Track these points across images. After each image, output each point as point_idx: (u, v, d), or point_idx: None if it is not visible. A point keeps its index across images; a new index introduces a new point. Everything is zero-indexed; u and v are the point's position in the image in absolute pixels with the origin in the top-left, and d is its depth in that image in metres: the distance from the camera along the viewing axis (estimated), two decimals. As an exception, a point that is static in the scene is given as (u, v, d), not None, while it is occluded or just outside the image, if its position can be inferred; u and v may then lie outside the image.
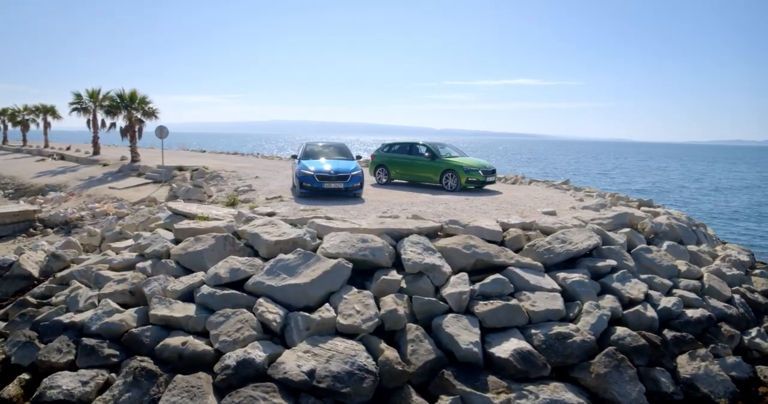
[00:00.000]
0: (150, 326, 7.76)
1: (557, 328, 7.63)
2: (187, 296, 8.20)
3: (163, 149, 23.97)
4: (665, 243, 10.37)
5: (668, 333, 8.15)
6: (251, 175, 19.40)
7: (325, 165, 13.10)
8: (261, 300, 7.67)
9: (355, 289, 7.88)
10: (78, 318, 8.30)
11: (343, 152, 14.60)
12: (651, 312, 8.29)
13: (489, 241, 9.23)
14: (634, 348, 7.62)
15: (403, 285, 8.13)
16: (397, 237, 9.18)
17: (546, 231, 9.96)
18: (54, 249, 11.66)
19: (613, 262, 9.10)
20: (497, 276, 8.30)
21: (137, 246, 10.20)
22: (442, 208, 11.82)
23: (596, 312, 7.97)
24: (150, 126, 25.47)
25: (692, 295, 8.99)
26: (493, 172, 15.06)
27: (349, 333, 7.29)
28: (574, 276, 8.56)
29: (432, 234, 9.47)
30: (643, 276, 9.15)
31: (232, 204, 12.56)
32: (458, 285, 8.02)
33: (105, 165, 25.39)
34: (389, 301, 7.66)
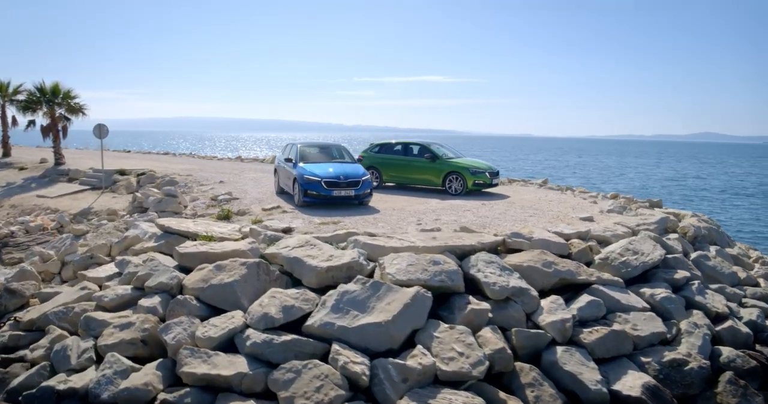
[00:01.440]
0: (187, 389, 5.94)
1: (669, 354, 6.78)
2: (227, 344, 6.43)
3: (84, 150, 20.76)
4: (712, 249, 9.96)
5: (765, 350, 7.59)
6: (212, 180, 17.13)
7: (331, 169, 11.47)
8: (336, 346, 6.10)
9: (443, 325, 6.53)
10: (77, 381, 6.28)
11: (342, 154, 13.00)
12: (743, 327, 7.71)
13: (557, 255, 8.24)
14: (747, 371, 6.95)
15: (489, 314, 6.90)
16: (461, 255, 7.92)
17: (602, 241, 9.15)
18: (3, 280, 9.15)
19: (686, 273, 8.45)
20: (590, 297, 7.31)
21: (129, 277, 8.13)
22: (470, 216, 10.69)
23: (698, 332, 7.23)
24: (78, 124, 22.02)
25: (765, 304, 8.56)
26: (498, 173, 14.17)
27: (454, 382, 5.96)
28: (661, 292, 7.78)
29: (492, 249, 8.31)
30: (712, 286, 8.59)
31: (226, 217, 10.60)
32: (556, 311, 6.93)
33: (22, 168, 21.58)
34: (491, 338, 6.40)
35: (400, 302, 6.54)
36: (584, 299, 7.27)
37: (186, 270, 7.93)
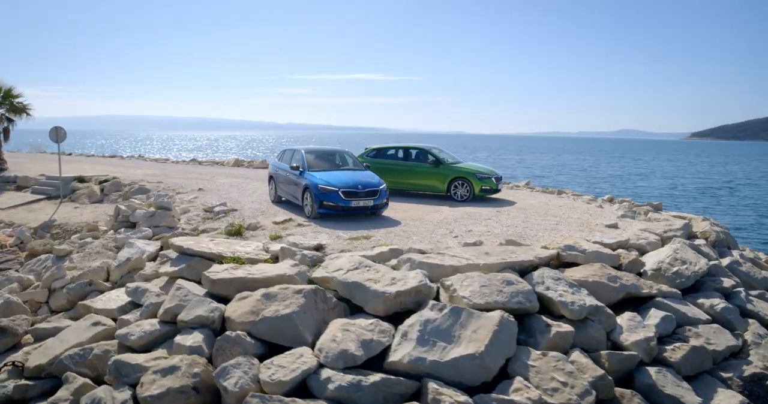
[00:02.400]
0: (266, 444, 5.13)
1: (747, 369, 6.68)
2: (299, 388, 5.65)
3: (17, 153, 18.62)
4: (735, 253, 10.12)
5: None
6: (189, 187, 15.81)
7: (346, 178, 10.71)
8: (433, 384, 5.48)
9: (534, 351, 6.07)
10: (125, 444, 5.27)
11: (351, 160, 12.24)
12: (798, 335, 7.77)
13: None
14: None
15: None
16: (520, 271, 7.50)
17: (639, 250, 9.05)
18: (-16, 318, 7.79)
19: (731, 281, 8.47)
20: (663, 312, 7.09)
21: (153, 309, 7.11)
22: (498, 226, 10.31)
23: (765, 343, 7.19)
24: (21, 124, 19.74)
25: (802, 308, 8.72)
26: (501, 178, 13.91)
27: (561, 415, 5.51)
28: (719, 302, 7.71)
29: (547, 263, 7.94)
30: (753, 293, 8.67)
31: (237, 233, 9.62)
32: (637, 329, 6.66)
33: (-46, 176, 19.11)
34: (587, 364, 6.02)
35: (487, 329, 6.02)
36: (657, 314, 7.05)
37: (220, 299, 7.01)
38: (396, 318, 6.53)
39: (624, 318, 6.86)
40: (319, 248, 8.54)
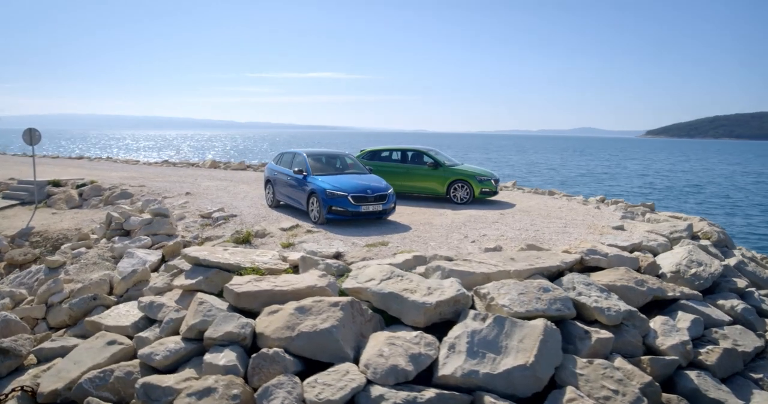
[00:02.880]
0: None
1: (775, 369, 6.83)
2: (349, 407, 5.44)
3: None
4: (736, 252, 10.41)
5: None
6: (174, 191, 15.23)
7: (354, 182, 10.49)
8: (489, 398, 5.36)
9: (580, 359, 6.03)
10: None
11: (354, 164, 11.99)
12: (811, 333, 8.03)
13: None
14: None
15: (608, 341, 6.52)
16: (548, 276, 7.48)
17: (651, 252, 9.18)
18: (-18, 339, 7.21)
19: (744, 281, 8.68)
20: (692, 315, 7.18)
21: (174, 326, 6.76)
22: (508, 229, 10.28)
23: (786, 343, 7.38)
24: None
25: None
26: (499, 180, 13.93)
27: (616, 425, 5.48)
28: (738, 303, 7.88)
29: (571, 268, 7.95)
30: (762, 292, 8.92)
31: (245, 241, 9.26)
32: (671, 333, 6.72)
33: None
34: (633, 370, 6.02)
35: (533, 338, 5.94)
36: (686, 317, 7.13)
37: (244, 313, 6.71)
38: (433, 329, 6.39)
39: (657, 322, 6.92)
40: (338, 256, 8.31)
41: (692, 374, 6.30)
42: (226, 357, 6.00)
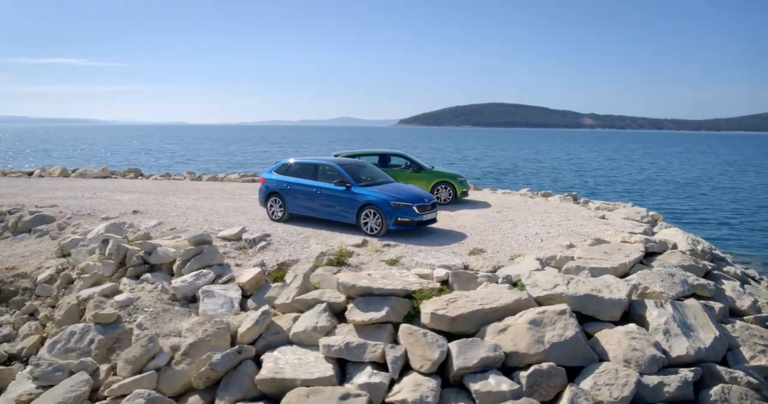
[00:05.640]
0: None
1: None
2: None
3: None
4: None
5: None
6: (114, 210, 12.77)
7: (409, 192, 10.84)
8: (717, 367, 6.84)
9: (731, 325, 7.94)
10: None
11: (379, 172, 11.98)
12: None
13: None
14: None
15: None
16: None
17: (650, 235, 11.83)
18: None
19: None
20: (734, 281, 9.80)
21: (399, 364, 6.54)
22: (540, 228, 11.74)
23: None
24: None
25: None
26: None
27: None
28: (734, 269, 10.91)
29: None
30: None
31: (340, 263, 8.83)
32: (742, 296, 9.16)
33: None
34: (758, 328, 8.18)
35: (700, 314, 7.60)
36: (733, 284, 9.69)
37: (449, 336, 6.88)
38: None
39: (728, 289, 9.23)
40: (465, 267, 8.73)
41: (769, 324, 8.80)
42: (503, 382, 6.24)
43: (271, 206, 11.79)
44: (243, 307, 8.25)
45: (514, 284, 8.06)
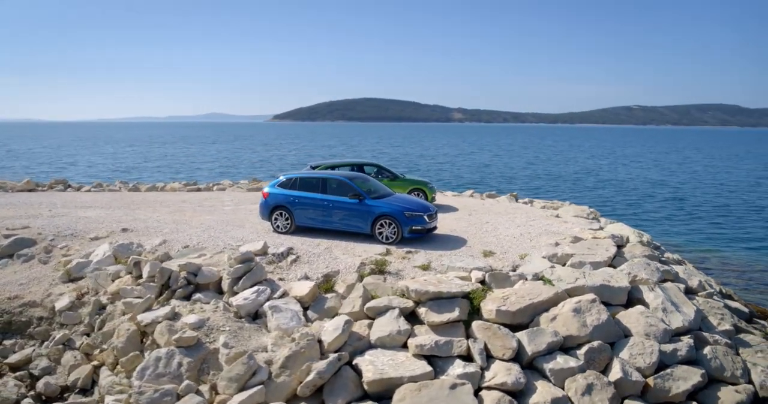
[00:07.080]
0: None
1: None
2: (655, 363, 8.30)
3: None
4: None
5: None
6: (102, 229, 12.42)
7: (416, 203, 12.08)
8: (701, 333, 9.08)
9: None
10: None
11: (378, 184, 13.04)
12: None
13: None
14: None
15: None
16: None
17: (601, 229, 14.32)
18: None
19: (649, 240, 14.68)
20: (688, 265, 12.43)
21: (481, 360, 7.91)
22: (539, 229, 13.64)
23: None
24: None
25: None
26: (427, 186, 16.89)
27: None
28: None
29: (609, 248, 12.18)
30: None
31: (381, 271, 9.89)
32: (692, 277, 11.76)
33: None
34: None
35: (679, 294, 9.89)
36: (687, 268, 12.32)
37: (514, 328, 8.43)
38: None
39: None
40: (489, 269, 10.25)
41: (712, 297, 11.46)
42: (571, 360, 7.86)
43: (276, 219, 12.39)
44: (307, 319, 9.02)
45: (540, 280, 9.76)
